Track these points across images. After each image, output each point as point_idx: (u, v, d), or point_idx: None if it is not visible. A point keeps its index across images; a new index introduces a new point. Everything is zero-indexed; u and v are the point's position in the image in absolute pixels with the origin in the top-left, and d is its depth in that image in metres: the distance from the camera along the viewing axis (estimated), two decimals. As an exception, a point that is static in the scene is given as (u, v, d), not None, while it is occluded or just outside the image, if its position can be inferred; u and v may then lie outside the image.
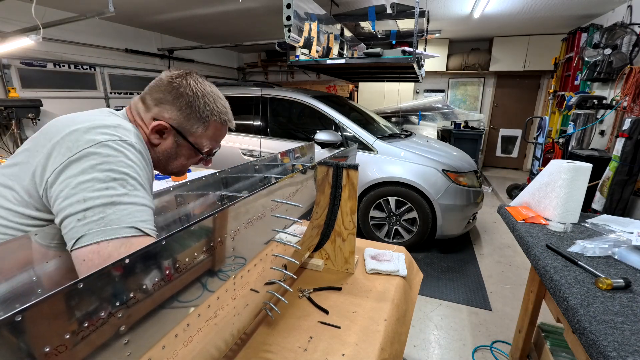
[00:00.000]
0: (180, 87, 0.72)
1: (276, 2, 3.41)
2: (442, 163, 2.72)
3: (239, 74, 7.61)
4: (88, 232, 0.52)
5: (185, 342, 0.52)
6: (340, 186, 1.05)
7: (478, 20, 4.41)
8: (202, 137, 0.77)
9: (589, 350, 0.70)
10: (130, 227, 0.55)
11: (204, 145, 0.78)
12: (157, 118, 0.72)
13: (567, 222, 1.27)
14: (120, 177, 0.57)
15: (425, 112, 5.70)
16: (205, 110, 0.74)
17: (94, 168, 0.56)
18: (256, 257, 0.71)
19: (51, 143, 0.58)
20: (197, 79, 0.76)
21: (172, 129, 0.73)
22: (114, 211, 0.54)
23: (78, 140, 0.58)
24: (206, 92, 0.75)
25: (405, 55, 2.93)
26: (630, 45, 3.15)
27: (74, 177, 0.55)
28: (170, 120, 0.72)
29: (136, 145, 0.64)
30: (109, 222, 0.53)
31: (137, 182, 0.60)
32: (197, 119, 0.74)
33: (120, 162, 0.59)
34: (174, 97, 0.72)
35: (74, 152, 0.56)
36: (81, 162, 0.56)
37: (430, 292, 2.30)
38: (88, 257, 0.52)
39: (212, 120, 0.76)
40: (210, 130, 0.77)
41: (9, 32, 2.99)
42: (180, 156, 0.77)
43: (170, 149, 0.75)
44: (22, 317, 0.28)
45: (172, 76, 0.74)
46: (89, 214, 0.53)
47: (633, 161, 2.40)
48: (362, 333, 0.85)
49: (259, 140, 3.19)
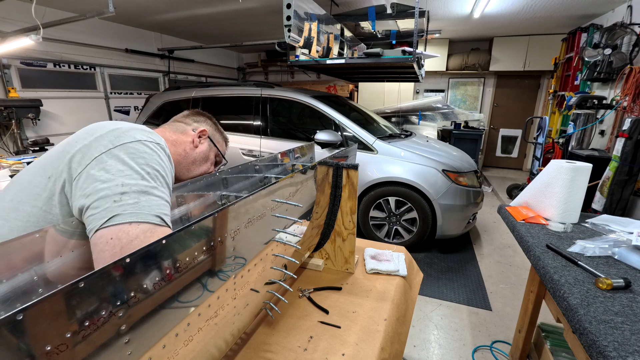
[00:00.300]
0: (204, 115, 1.04)
1: (276, 2, 3.42)
2: (442, 163, 2.72)
3: (239, 74, 7.62)
4: (123, 212, 0.56)
5: (185, 342, 0.52)
6: (340, 186, 1.05)
7: (478, 20, 4.41)
8: (222, 147, 1.06)
9: (589, 350, 0.70)
10: (157, 216, 0.60)
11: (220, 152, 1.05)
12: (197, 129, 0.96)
13: (567, 222, 1.27)
14: (153, 172, 0.64)
15: (425, 112, 5.70)
16: (221, 129, 1.07)
17: (132, 160, 0.62)
18: (256, 256, 0.71)
19: (94, 137, 0.64)
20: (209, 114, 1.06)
21: (208, 136, 0.98)
22: (146, 199, 0.60)
23: (120, 136, 0.65)
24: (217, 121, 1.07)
25: (405, 55, 2.93)
26: (630, 45, 3.15)
27: (114, 165, 0.61)
28: (206, 130, 0.98)
29: (166, 150, 0.73)
30: (141, 208, 0.58)
31: (165, 181, 0.67)
32: (219, 133, 1.06)
33: (154, 160, 0.66)
34: (204, 119, 1.03)
35: (116, 144, 0.63)
36: (120, 153, 0.62)
37: (430, 292, 2.30)
38: (116, 235, 0.55)
39: (224, 137, 1.09)
40: (224, 144, 1.08)
41: (9, 32, 2.99)
42: (208, 160, 0.98)
43: (205, 150, 0.97)
44: (23, 315, 0.28)
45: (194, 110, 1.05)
46: (125, 198, 0.58)
47: (633, 161, 2.40)
48: (362, 333, 0.85)
49: (259, 140, 3.19)
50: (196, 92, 3.54)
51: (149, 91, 5.22)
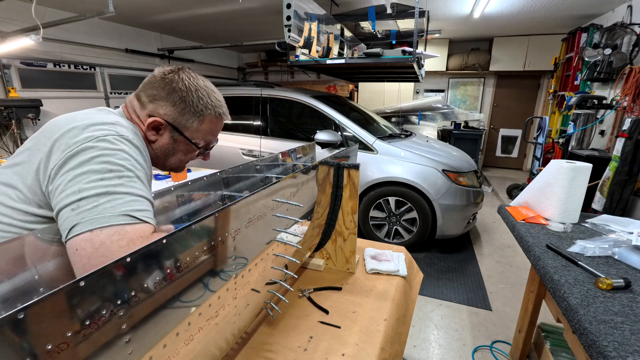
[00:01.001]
0: (172, 82, 0.73)
1: (276, 2, 3.42)
2: (442, 163, 2.72)
3: (239, 74, 7.62)
4: (81, 221, 0.53)
5: (186, 341, 0.52)
6: (342, 186, 1.05)
7: (478, 20, 4.41)
8: (198, 131, 0.77)
9: (589, 350, 0.70)
10: (124, 215, 0.55)
11: (200, 139, 0.79)
12: (152, 115, 0.73)
13: (567, 222, 1.27)
14: (117, 168, 0.59)
15: (425, 112, 5.70)
16: (199, 104, 0.75)
17: (91, 161, 0.57)
18: (257, 256, 0.71)
19: (51, 140, 0.60)
20: (189, 73, 0.76)
21: (167, 124, 0.74)
22: (107, 200, 0.55)
23: (76, 137, 0.59)
24: (199, 86, 0.75)
25: (405, 55, 2.93)
26: (630, 45, 3.16)
27: (72, 170, 0.56)
28: (166, 116, 0.73)
29: (133, 141, 0.65)
30: (102, 211, 0.54)
31: (134, 174, 0.61)
32: (191, 114, 0.75)
33: (117, 155, 0.60)
34: (167, 92, 0.72)
35: (72, 148, 0.58)
36: (79, 156, 0.57)
37: (430, 292, 2.30)
38: (81, 246, 0.52)
39: (206, 114, 0.77)
40: (206, 124, 0.78)
41: (9, 32, 2.99)
42: (177, 151, 0.79)
43: (167, 144, 0.76)
44: (24, 315, 0.28)
45: (164, 72, 0.74)
46: (82, 204, 0.54)
47: (633, 161, 2.40)
48: (362, 333, 0.85)
49: (259, 140, 3.19)
50: (196, 92, 3.53)
51: (149, 91, 5.22)
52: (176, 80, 0.73)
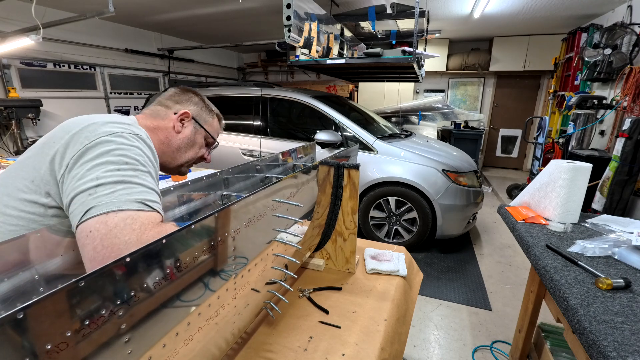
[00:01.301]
0: (189, 92, 0.93)
1: (276, 2, 3.42)
2: (442, 163, 2.72)
3: (239, 74, 7.62)
4: (98, 204, 0.55)
5: (185, 341, 0.52)
6: (342, 186, 1.05)
7: (478, 20, 4.41)
8: (211, 127, 0.96)
9: (589, 350, 0.70)
10: (138, 202, 0.58)
11: (211, 133, 0.96)
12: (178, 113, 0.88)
13: (567, 222, 1.27)
14: (132, 162, 0.63)
15: (425, 112, 5.70)
16: (210, 106, 0.97)
17: (109, 153, 0.61)
18: (257, 256, 0.71)
19: (69, 134, 0.63)
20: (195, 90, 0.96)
21: (192, 118, 0.90)
22: (123, 187, 0.58)
23: (95, 131, 0.64)
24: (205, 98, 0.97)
25: (405, 55, 2.93)
26: (630, 45, 3.16)
27: (90, 160, 0.60)
28: (191, 111, 0.90)
29: (147, 140, 0.71)
30: (118, 197, 0.57)
31: (147, 169, 0.65)
32: (207, 112, 0.95)
33: (133, 150, 0.64)
34: (188, 97, 0.92)
35: (92, 140, 0.62)
36: (97, 148, 0.61)
37: (430, 292, 2.30)
38: (95, 227, 0.54)
39: (215, 114, 0.98)
40: (215, 122, 0.98)
41: (9, 32, 2.99)
42: (195, 144, 0.92)
43: (190, 135, 0.90)
44: (23, 314, 0.28)
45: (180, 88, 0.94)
46: (100, 189, 0.57)
47: (633, 161, 2.40)
48: (362, 333, 0.85)
49: (259, 140, 3.19)
50: (196, 92, 3.54)
51: (149, 91, 5.22)
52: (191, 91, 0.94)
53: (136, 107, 5.09)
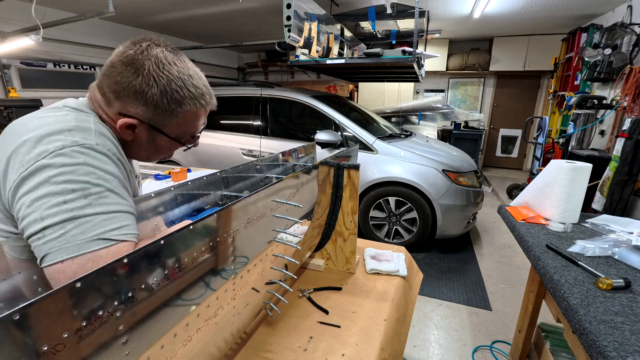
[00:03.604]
0: (138, 74, 0.60)
1: (276, 2, 3.41)
2: (442, 163, 2.72)
3: (239, 74, 7.61)
4: (50, 251, 0.49)
5: (184, 342, 0.52)
6: (342, 186, 1.04)
7: (478, 20, 4.41)
8: (179, 126, 0.67)
9: (589, 350, 0.70)
10: (96, 240, 0.50)
11: (182, 133, 0.69)
12: (122, 113, 0.63)
13: (567, 222, 1.27)
14: (80, 187, 0.52)
15: (425, 112, 5.70)
16: (173, 99, 0.63)
17: (49, 181, 0.50)
18: (256, 257, 0.71)
19: (6, 156, 0.54)
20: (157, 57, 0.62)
21: (142, 123, 0.64)
22: (74, 226, 0.50)
23: (29, 153, 0.52)
24: (172, 77, 0.62)
25: (405, 55, 2.93)
26: (630, 45, 3.15)
27: (28, 193, 0.50)
28: (138, 115, 0.63)
29: (98, 147, 0.57)
30: (69, 239, 0.49)
31: (104, 187, 0.54)
32: (168, 112, 0.63)
33: (78, 170, 0.52)
34: (135, 90, 0.60)
35: (26, 167, 0.51)
36: (34, 177, 0.50)
37: (430, 292, 2.30)
38: (54, 276, 0.49)
39: (185, 109, 0.65)
40: (186, 119, 0.67)
41: (9, 32, 2.99)
42: (160, 147, 0.70)
43: (146, 142, 0.67)
44: (20, 315, 0.28)
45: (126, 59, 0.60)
46: (47, 232, 0.49)
47: (633, 161, 2.40)
48: (362, 333, 0.85)
49: (259, 140, 3.19)
50: (196, 92, 3.54)
51: (149, 91, 5.22)
52: (143, 72, 0.60)
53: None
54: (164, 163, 3.37)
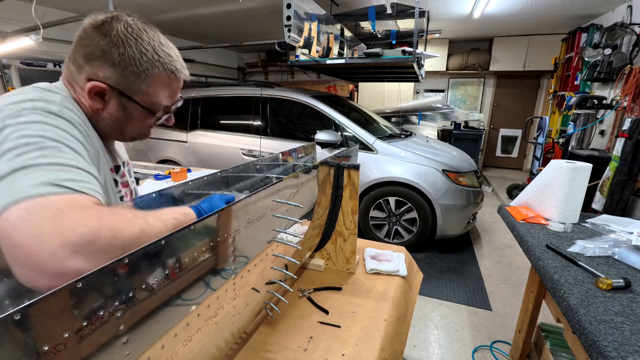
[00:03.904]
0: (107, 35, 0.59)
1: (276, 2, 3.41)
2: (442, 163, 2.72)
3: (239, 74, 7.61)
4: None
5: (184, 342, 0.52)
6: (342, 186, 1.05)
7: (478, 20, 4.41)
8: (149, 95, 0.64)
9: (589, 350, 0.70)
10: (46, 185, 0.45)
11: (154, 103, 0.65)
12: (91, 78, 0.60)
13: (567, 222, 1.27)
14: (36, 140, 0.49)
15: (425, 112, 5.70)
16: (142, 61, 0.60)
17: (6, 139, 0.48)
18: (256, 257, 0.71)
19: None
20: (127, 22, 0.61)
21: (111, 89, 0.61)
22: (25, 174, 0.45)
23: None
24: (141, 39, 0.61)
25: (405, 55, 2.93)
26: (630, 45, 3.15)
27: None
28: (106, 79, 0.60)
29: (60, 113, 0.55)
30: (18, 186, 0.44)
31: (63, 144, 0.51)
32: (135, 75, 0.61)
33: (34, 127, 0.50)
34: (103, 50, 0.58)
35: None
36: None
37: (430, 292, 2.30)
38: None
39: (154, 73, 0.62)
40: (157, 85, 0.64)
41: (9, 32, 2.99)
42: (132, 119, 0.66)
43: (117, 112, 0.64)
44: (21, 315, 0.28)
45: (96, 22, 0.60)
46: None
47: (633, 161, 2.40)
48: (362, 333, 0.85)
49: (259, 140, 3.19)
50: (196, 92, 3.54)
51: (149, 91, 5.22)
52: (111, 34, 0.59)
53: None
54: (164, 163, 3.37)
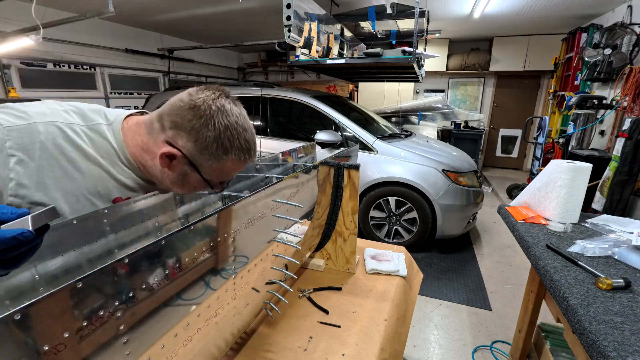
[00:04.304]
0: (202, 117, 0.62)
1: (276, 2, 3.41)
2: (442, 163, 2.72)
3: (239, 74, 7.61)
4: None
5: (184, 342, 0.52)
6: (342, 186, 1.05)
7: (478, 20, 4.41)
8: (215, 170, 0.67)
9: (589, 350, 0.70)
10: None
11: (215, 178, 0.69)
12: (170, 142, 0.64)
13: (567, 222, 1.27)
14: None
15: (425, 112, 5.70)
16: (224, 145, 0.64)
17: None
18: (257, 257, 0.71)
19: None
20: (224, 108, 0.64)
21: (184, 157, 0.64)
22: None
23: None
24: (230, 126, 0.64)
25: (405, 55, 2.93)
26: (630, 45, 3.15)
27: None
28: (184, 148, 0.64)
29: None
30: None
31: None
32: (213, 155, 0.64)
33: None
34: (193, 127, 0.62)
35: None
36: None
37: (430, 292, 2.30)
38: None
39: (230, 157, 0.66)
40: (226, 167, 0.67)
41: (9, 32, 2.99)
42: (187, 184, 0.69)
43: (177, 174, 0.67)
44: (21, 315, 0.28)
45: (196, 101, 0.63)
46: None
47: (633, 161, 2.40)
48: (362, 333, 0.85)
49: (259, 140, 3.18)
50: (196, 92, 3.54)
51: (149, 91, 5.22)
52: (207, 116, 0.63)
53: (136, 107, 5.09)
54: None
